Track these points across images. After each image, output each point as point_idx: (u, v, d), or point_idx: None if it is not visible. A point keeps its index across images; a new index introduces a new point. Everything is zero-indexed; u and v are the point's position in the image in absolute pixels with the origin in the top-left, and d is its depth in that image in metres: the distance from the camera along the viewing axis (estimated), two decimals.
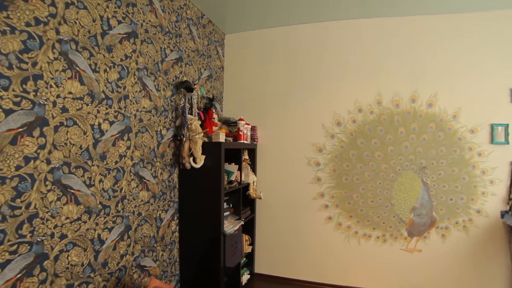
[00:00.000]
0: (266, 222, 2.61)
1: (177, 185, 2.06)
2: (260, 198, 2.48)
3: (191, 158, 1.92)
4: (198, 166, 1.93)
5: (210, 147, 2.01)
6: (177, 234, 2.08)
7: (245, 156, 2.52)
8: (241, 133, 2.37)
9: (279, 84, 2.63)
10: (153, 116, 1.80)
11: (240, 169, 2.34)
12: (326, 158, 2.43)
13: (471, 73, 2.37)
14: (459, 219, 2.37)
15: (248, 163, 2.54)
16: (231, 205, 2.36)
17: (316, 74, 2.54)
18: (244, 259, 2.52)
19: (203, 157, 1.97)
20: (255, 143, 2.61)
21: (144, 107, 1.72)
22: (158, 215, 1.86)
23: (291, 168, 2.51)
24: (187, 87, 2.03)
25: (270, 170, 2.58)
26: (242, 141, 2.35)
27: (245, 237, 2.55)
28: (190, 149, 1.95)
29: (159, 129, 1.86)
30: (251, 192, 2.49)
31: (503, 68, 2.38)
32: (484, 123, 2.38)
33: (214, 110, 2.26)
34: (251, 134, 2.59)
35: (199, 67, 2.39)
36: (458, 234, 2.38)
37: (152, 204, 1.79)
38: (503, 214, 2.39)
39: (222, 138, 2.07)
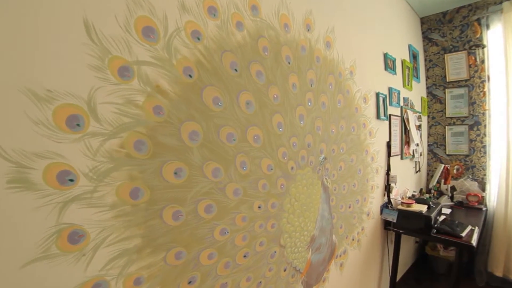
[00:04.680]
0: None
1: None
2: None
3: None
4: None
5: None
6: None
7: None
8: None
9: None
10: None
11: None
12: (102, 152, 0.55)
13: (363, 15, 1.57)
14: (354, 233, 1.56)
15: None
16: None
17: None
18: None
19: None
20: None
21: None
22: None
23: None
24: None
25: None
26: None
27: None
28: None
29: None
30: None
31: (379, 34, 1.78)
32: (372, 90, 1.70)
33: None
34: None
35: None
36: (353, 254, 1.57)
37: None
38: (382, 209, 1.87)
39: None
